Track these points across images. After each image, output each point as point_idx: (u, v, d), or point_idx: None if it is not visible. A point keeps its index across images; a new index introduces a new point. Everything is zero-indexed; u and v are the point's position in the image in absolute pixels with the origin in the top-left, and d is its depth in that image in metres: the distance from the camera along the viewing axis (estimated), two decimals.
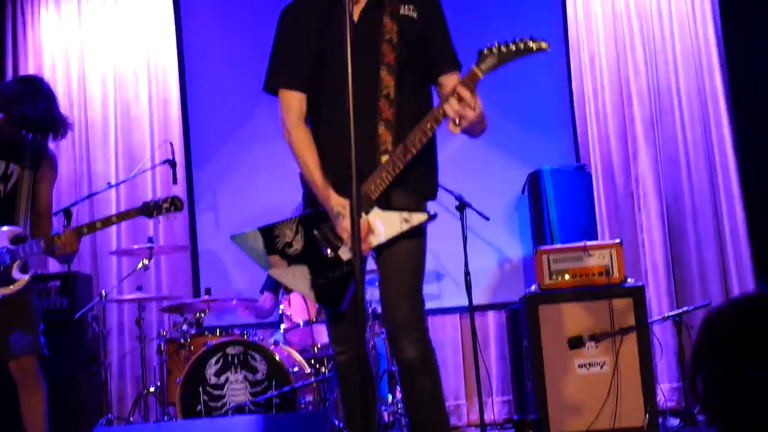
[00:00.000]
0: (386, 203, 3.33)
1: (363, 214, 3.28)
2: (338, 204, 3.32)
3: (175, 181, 6.25)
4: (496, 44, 3.18)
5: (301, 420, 2.25)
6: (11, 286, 4.44)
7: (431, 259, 3.69)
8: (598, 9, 7.32)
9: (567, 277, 5.53)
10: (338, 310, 3.42)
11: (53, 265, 6.91)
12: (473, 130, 3.30)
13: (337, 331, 3.54)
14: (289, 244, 3.45)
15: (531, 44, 3.17)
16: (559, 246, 5.75)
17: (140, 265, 5.95)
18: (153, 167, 6.67)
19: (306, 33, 3.48)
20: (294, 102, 3.51)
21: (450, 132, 3.23)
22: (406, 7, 3.43)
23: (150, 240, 6.02)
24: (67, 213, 5.39)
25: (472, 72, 3.18)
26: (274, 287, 6.36)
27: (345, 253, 3.36)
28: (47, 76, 7.43)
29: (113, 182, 6.78)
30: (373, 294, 4.91)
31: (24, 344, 4.45)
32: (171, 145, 6.35)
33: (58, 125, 4.56)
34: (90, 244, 7.11)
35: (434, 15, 3.49)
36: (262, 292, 6.42)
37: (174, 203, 4.61)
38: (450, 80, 3.43)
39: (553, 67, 7.19)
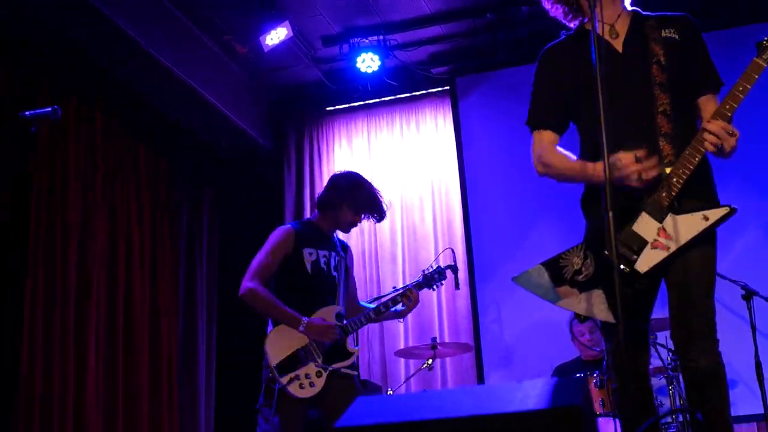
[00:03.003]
0: (680, 209, 3.33)
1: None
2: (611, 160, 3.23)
3: (457, 286, 6.43)
4: None
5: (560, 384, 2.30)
6: (351, 359, 4.93)
7: None
8: None
9: None
10: (641, 326, 3.42)
11: None
12: (728, 154, 3.34)
13: (617, 361, 3.50)
14: (578, 272, 3.45)
15: None
16: None
17: (425, 365, 6.15)
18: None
19: (563, 73, 3.63)
20: (547, 139, 3.67)
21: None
22: (667, 30, 3.53)
23: (434, 340, 6.22)
24: None
25: (754, 63, 3.25)
26: None
27: (641, 266, 3.32)
28: None
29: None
30: None
31: None
32: (452, 251, 6.59)
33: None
34: (379, 351, 7.46)
35: (694, 36, 3.56)
36: None
37: (441, 272, 5.37)
38: (709, 102, 3.48)
39: None
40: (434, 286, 5.35)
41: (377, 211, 5.17)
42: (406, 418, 2.24)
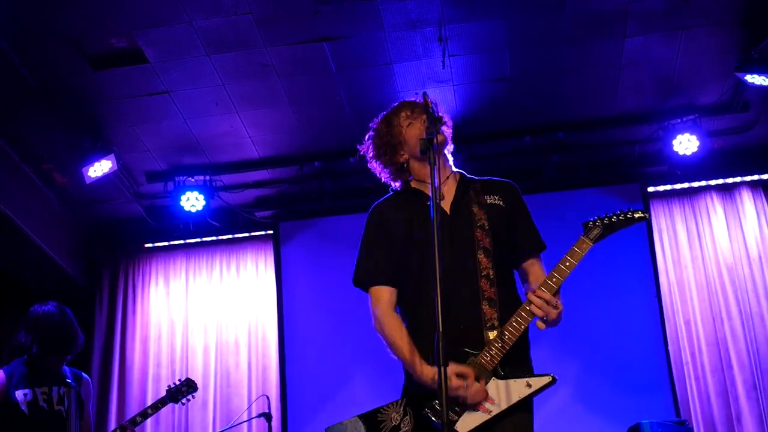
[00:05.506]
0: (503, 374, 3.31)
1: (480, 383, 3.26)
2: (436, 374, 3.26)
3: None
4: (598, 217, 3.38)
5: None
6: None
7: None
8: (690, 276, 7.44)
9: None
10: None
11: None
12: (552, 323, 3.37)
13: None
14: (397, 428, 3.35)
15: (631, 214, 3.38)
16: None
17: None
18: (249, 419, 6.73)
19: (395, 229, 3.60)
20: (384, 295, 3.58)
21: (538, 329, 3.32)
22: (492, 196, 3.61)
23: None
24: None
25: (581, 241, 3.35)
26: None
27: (462, 427, 3.27)
28: (153, 346, 7.77)
29: None
30: None
31: None
32: (267, 398, 6.43)
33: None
34: None
35: (517, 202, 3.65)
36: None
37: (190, 384, 5.24)
38: (533, 266, 3.56)
39: (647, 331, 7.22)
40: (182, 400, 5.21)
41: (65, 349, 4.95)
42: None
